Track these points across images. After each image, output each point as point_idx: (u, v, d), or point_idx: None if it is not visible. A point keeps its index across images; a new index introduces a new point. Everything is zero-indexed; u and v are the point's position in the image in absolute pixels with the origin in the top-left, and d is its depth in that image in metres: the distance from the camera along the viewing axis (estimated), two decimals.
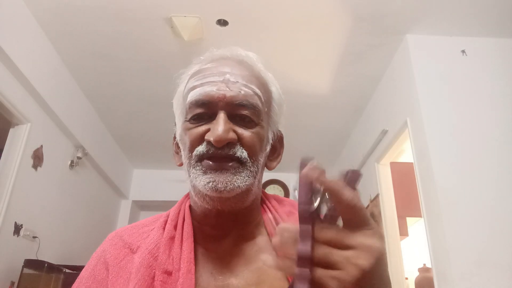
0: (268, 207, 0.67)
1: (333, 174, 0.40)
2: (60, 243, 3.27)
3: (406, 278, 3.11)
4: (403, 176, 3.14)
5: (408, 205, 3.10)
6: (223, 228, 0.62)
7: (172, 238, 0.60)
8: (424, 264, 3.17)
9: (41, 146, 2.90)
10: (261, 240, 0.63)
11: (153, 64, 3.04)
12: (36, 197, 2.89)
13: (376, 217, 3.23)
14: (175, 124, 0.66)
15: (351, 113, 3.73)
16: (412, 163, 2.60)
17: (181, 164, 0.64)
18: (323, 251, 0.37)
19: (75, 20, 2.63)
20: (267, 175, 4.91)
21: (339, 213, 0.39)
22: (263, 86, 0.64)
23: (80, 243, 3.63)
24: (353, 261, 0.36)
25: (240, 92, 0.58)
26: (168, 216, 0.64)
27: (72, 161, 3.39)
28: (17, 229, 2.63)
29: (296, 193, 0.46)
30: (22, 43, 2.51)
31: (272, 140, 0.66)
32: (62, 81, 3.09)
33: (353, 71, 3.11)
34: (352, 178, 0.39)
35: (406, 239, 3.41)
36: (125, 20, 2.61)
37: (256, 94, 0.60)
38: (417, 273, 3.25)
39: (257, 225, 0.65)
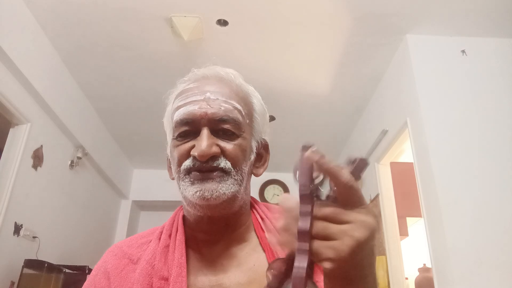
0: (258, 211, 0.71)
1: (341, 160, 0.42)
2: (60, 243, 3.26)
3: (406, 278, 3.11)
4: (403, 176, 3.14)
5: (408, 205, 3.10)
6: (215, 233, 0.67)
7: (167, 247, 0.64)
8: (424, 264, 3.17)
9: (41, 146, 2.90)
10: (251, 242, 0.68)
11: (153, 64, 3.04)
12: (36, 197, 2.89)
13: (376, 217, 3.23)
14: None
15: (351, 113, 3.72)
16: (412, 163, 2.60)
17: (173, 178, 0.69)
18: (321, 225, 0.40)
19: (75, 20, 2.63)
20: (267, 175, 4.90)
21: (337, 194, 0.42)
22: (243, 100, 0.68)
23: (80, 243, 3.63)
24: (349, 233, 0.39)
25: (220, 108, 0.63)
26: (163, 228, 0.69)
27: (72, 161, 3.39)
28: (17, 229, 2.63)
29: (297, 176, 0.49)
30: (22, 43, 2.51)
31: (257, 148, 0.70)
32: (62, 81, 3.09)
33: (353, 71, 3.11)
34: (359, 165, 0.43)
35: (406, 239, 3.41)
36: (125, 20, 2.61)
37: (236, 108, 0.65)
38: (417, 273, 3.25)
39: (247, 229, 0.69)
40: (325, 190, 0.43)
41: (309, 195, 0.42)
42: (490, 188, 2.26)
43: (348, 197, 0.41)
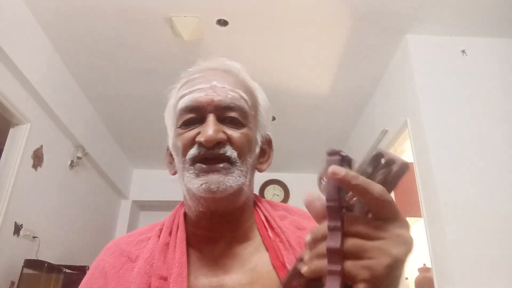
0: (260, 209, 0.69)
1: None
2: (60, 243, 3.26)
3: (406, 278, 3.11)
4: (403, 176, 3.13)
5: (408, 205, 3.10)
6: (217, 230, 0.64)
7: (167, 244, 0.62)
8: (424, 264, 3.17)
9: (41, 146, 2.90)
10: (254, 241, 0.65)
11: (153, 64, 3.04)
12: (36, 197, 2.89)
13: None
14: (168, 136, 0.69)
15: (351, 113, 3.72)
16: (412, 163, 2.60)
17: (174, 173, 0.67)
18: (353, 242, 0.36)
19: (75, 20, 2.63)
20: (267, 175, 4.90)
21: (368, 207, 0.38)
22: (249, 91, 0.67)
23: (80, 243, 3.63)
24: (385, 249, 0.36)
25: (227, 96, 0.62)
26: (163, 224, 0.67)
27: (72, 161, 3.39)
28: (17, 229, 2.63)
29: (323, 185, 0.40)
30: (22, 43, 2.51)
31: (261, 142, 0.68)
32: (62, 81, 3.09)
33: (353, 71, 3.11)
34: (398, 173, 0.40)
35: None
36: (125, 20, 2.61)
37: (243, 97, 0.64)
38: (417, 273, 3.24)
39: (250, 227, 0.66)
40: (356, 203, 0.39)
41: (338, 208, 0.37)
42: (490, 188, 2.26)
43: (381, 210, 0.37)
